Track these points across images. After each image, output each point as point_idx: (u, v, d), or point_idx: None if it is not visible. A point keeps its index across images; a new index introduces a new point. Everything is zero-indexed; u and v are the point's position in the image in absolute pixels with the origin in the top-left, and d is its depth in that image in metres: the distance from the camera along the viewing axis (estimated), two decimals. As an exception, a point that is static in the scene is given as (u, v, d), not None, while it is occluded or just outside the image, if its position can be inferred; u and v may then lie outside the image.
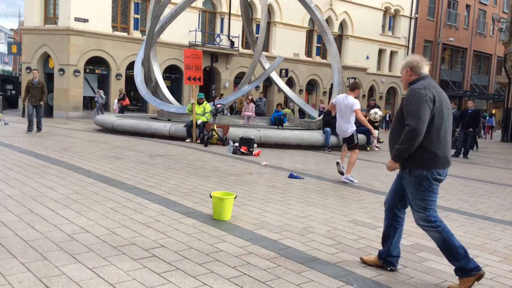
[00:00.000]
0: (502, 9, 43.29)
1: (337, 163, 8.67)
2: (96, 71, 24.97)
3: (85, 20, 23.44)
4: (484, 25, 43.75)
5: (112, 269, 3.58)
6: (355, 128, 8.59)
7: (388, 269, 4.01)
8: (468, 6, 41.90)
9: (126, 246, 4.12)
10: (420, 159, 3.65)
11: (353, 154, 8.53)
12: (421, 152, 3.63)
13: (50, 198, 5.64)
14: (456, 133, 15.23)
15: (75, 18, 23.14)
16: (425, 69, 3.86)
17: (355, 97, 8.45)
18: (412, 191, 3.75)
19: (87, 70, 24.39)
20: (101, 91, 22.69)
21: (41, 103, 13.89)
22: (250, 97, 21.53)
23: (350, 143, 8.62)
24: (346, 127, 8.47)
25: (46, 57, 24.00)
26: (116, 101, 22.52)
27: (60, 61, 23.29)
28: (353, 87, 8.52)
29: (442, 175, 3.72)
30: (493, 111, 45.47)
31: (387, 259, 4.02)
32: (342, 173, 8.55)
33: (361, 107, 8.69)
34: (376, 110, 14.57)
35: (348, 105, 8.32)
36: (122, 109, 21.99)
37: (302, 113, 27.35)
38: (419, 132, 3.55)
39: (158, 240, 4.37)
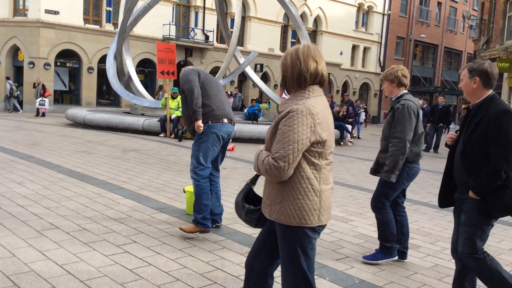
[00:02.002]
0: (472, 7, 44.18)
1: None
2: (67, 64, 24.45)
3: (56, 12, 22.90)
4: (455, 22, 44.56)
5: (83, 265, 3.53)
6: None
7: (213, 226, 4.65)
8: (439, 3, 42.59)
9: (98, 242, 4.06)
10: None
11: None
12: None
13: (18, 194, 5.51)
14: (426, 128, 15.52)
15: (45, 10, 22.58)
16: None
17: None
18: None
19: (58, 64, 23.87)
20: (9, 81, 21.40)
21: None
22: (229, 92, 21.52)
23: None
24: None
25: (15, 50, 23.38)
26: (38, 99, 19.81)
27: (30, 54, 22.72)
28: None
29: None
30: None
31: (201, 222, 4.45)
32: None
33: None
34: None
35: None
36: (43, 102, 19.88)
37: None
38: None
39: (131, 236, 4.32)
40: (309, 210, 2.24)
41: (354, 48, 37.33)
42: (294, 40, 32.94)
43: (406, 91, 4.11)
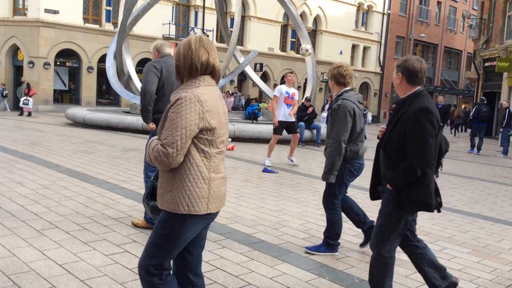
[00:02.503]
0: (472, 6, 44.16)
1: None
2: (67, 63, 24.44)
3: (56, 12, 22.89)
4: (454, 22, 44.54)
5: (83, 265, 3.53)
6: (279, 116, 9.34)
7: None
8: (439, 2, 42.57)
9: (98, 242, 4.06)
10: None
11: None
12: None
13: (18, 193, 5.51)
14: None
15: (45, 9, 22.57)
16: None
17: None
18: None
19: (58, 63, 23.86)
20: None
21: None
22: (230, 91, 21.53)
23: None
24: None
25: (15, 49, 23.37)
26: (22, 98, 19.52)
27: (30, 54, 22.71)
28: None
29: None
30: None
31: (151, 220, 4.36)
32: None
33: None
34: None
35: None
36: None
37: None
38: None
39: (131, 235, 4.32)
40: (198, 197, 2.26)
41: (354, 47, 37.32)
42: (294, 40, 32.94)
43: (348, 88, 4.14)
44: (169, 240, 2.31)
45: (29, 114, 19.15)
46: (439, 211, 3.21)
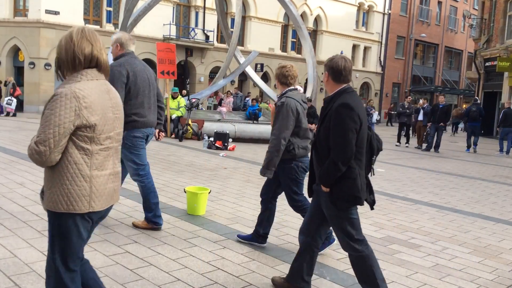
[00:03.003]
0: (473, 6, 44.12)
1: None
2: (68, 64, 24.45)
3: (56, 13, 22.91)
4: (455, 22, 44.50)
5: (83, 265, 3.53)
6: None
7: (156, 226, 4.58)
8: (440, 2, 42.54)
9: (99, 243, 4.06)
10: None
11: None
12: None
13: (19, 194, 5.51)
14: (427, 127, 15.51)
15: (45, 10, 22.58)
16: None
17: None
18: None
19: (59, 64, 23.87)
20: None
21: None
22: (230, 91, 21.49)
23: None
24: None
25: (15, 50, 23.38)
26: (6, 98, 19.29)
27: (30, 54, 22.73)
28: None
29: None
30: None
31: (152, 220, 4.55)
32: None
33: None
34: None
35: None
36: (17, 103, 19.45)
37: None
38: None
39: (131, 236, 4.32)
40: (77, 196, 2.19)
41: (355, 47, 37.31)
42: (295, 40, 32.96)
43: (292, 87, 4.19)
44: (59, 239, 2.26)
45: (14, 114, 18.84)
46: (372, 209, 3.29)
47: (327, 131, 3.02)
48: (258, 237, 4.33)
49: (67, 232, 2.25)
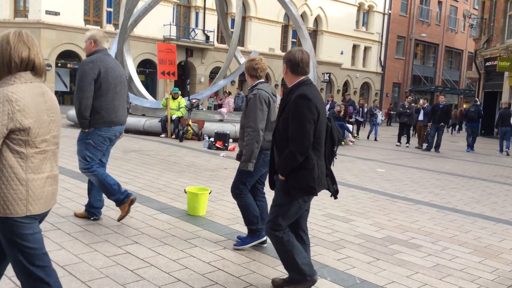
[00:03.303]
0: (473, 6, 44.12)
1: None
2: (68, 65, 24.47)
3: (57, 13, 22.94)
4: (455, 21, 44.52)
5: (84, 266, 3.53)
6: None
7: (92, 219, 4.68)
8: (440, 2, 42.57)
9: (99, 243, 4.06)
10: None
11: None
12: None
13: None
14: (428, 127, 15.51)
15: (46, 11, 22.62)
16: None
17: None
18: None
19: (59, 64, 23.90)
20: None
21: None
22: (227, 91, 21.45)
23: None
24: None
25: (16, 51, 23.41)
26: None
27: (31, 55, 22.75)
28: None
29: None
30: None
31: (89, 210, 4.69)
32: None
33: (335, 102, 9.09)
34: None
35: None
36: None
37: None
38: None
39: (132, 236, 4.33)
40: (13, 200, 2.18)
41: (355, 47, 37.32)
42: (295, 40, 32.97)
43: (262, 80, 4.21)
44: (9, 245, 2.26)
45: None
46: (335, 198, 3.38)
47: (286, 122, 3.08)
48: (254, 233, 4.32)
49: (11, 236, 2.24)
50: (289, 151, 3.03)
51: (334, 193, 3.33)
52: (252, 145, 3.98)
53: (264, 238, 4.27)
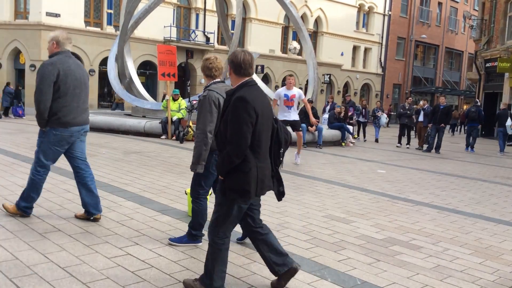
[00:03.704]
0: (473, 7, 44.14)
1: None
2: (69, 67, 24.49)
3: (57, 15, 22.96)
4: (455, 22, 44.53)
5: (85, 268, 3.54)
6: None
7: (91, 218, 4.71)
8: (440, 3, 42.58)
9: (100, 245, 4.07)
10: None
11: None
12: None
13: (21, 197, 5.51)
14: (428, 128, 15.50)
15: (46, 12, 22.64)
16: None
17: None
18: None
19: (59, 66, 23.91)
20: None
21: None
22: None
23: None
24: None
25: (17, 53, 23.45)
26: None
27: (31, 57, 22.78)
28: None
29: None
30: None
31: (85, 209, 4.73)
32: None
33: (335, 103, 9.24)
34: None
35: None
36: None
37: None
38: None
39: (133, 238, 4.33)
40: None
41: (355, 49, 37.33)
42: (295, 41, 32.98)
43: (217, 80, 4.18)
44: None
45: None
46: (279, 200, 3.39)
47: (226, 124, 3.06)
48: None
49: None
50: (226, 153, 3.02)
51: (278, 195, 3.33)
52: (200, 148, 3.94)
53: (201, 243, 4.29)
